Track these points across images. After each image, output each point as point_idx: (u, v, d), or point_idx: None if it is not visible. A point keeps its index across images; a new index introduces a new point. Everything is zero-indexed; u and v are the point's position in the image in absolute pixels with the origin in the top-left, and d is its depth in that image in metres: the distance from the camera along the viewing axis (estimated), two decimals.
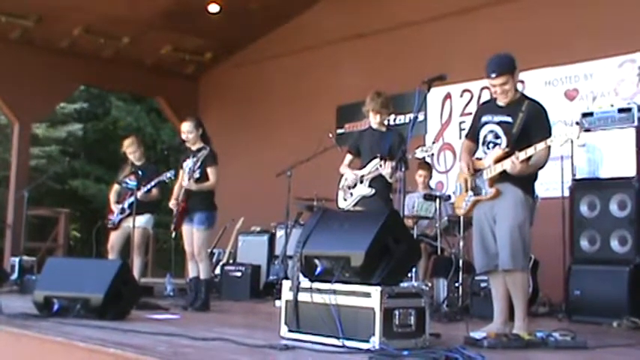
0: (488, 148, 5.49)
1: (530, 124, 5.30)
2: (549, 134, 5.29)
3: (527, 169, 5.27)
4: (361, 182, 6.94)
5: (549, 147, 5.25)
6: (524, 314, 5.38)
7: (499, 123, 5.45)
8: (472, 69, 5.66)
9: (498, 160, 5.36)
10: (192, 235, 7.74)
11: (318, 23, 12.30)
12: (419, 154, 6.90)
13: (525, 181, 5.36)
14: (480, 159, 5.55)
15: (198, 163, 7.62)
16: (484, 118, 5.58)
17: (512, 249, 5.29)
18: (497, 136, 5.45)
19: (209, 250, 9.01)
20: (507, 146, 5.35)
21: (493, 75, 5.41)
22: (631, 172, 7.05)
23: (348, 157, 7.21)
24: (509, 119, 5.40)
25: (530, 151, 5.21)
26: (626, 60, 8.84)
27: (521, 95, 5.55)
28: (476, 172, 5.53)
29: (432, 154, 9.19)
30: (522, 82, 9.26)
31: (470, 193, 5.58)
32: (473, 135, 5.70)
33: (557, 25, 9.36)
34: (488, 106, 5.67)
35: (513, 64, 5.46)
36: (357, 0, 11.81)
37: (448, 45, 10.37)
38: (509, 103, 5.46)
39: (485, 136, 5.54)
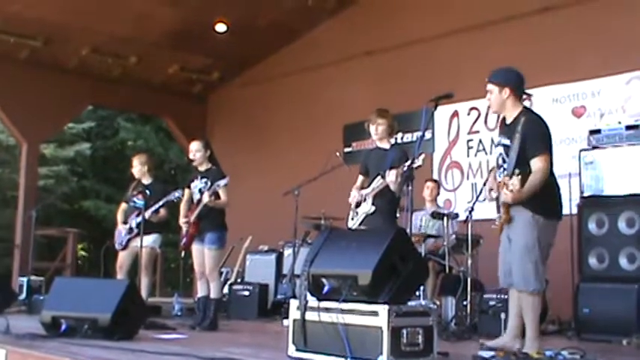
0: (501, 173, 5.43)
1: (525, 144, 5.21)
2: (543, 150, 5.22)
3: (521, 195, 5.13)
4: (364, 200, 6.93)
5: (543, 167, 5.17)
6: (534, 335, 5.30)
7: (503, 146, 5.41)
8: (479, 87, 5.64)
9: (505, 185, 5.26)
10: (202, 254, 7.75)
11: (326, 41, 12.35)
12: (417, 162, 6.92)
13: (536, 200, 5.22)
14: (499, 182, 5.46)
15: (209, 184, 7.65)
16: (497, 139, 5.58)
17: (522, 271, 5.24)
18: (504, 160, 5.40)
19: None
20: (510, 172, 5.22)
21: (486, 79, 5.46)
22: (639, 190, 7.02)
23: (360, 178, 7.20)
24: (508, 142, 5.34)
25: (514, 180, 5.08)
26: (634, 77, 8.83)
27: (522, 110, 5.43)
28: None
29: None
30: (530, 97, 9.28)
31: (497, 216, 5.49)
32: None
33: (565, 42, 9.36)
34: (501, 125, 5.62)
35: (509, 78, 5.43)
36: (364, 18, 11.86)
37: (455, 62, 10.38)
38: (511, 122, 5.41)
39: (497, 159, 5.50)
